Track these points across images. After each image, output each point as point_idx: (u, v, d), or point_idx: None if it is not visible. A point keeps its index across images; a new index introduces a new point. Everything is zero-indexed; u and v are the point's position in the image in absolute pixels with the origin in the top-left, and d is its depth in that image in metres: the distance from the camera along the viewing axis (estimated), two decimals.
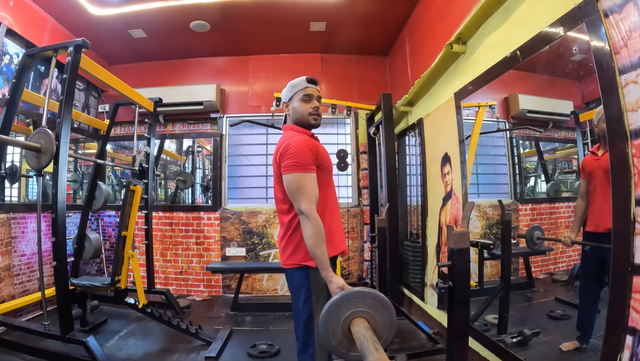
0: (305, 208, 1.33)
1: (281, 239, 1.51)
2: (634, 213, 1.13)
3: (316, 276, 1.40)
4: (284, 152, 1.40)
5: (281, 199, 1.47)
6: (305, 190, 1.35)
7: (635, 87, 1.13)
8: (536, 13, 1.65)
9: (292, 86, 1.56)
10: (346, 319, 1.11)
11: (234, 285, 3.91)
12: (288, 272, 1.49)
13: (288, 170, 1.38)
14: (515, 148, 2.67)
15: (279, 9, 3.51)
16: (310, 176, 1.37)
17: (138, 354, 2.49)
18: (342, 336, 1.12)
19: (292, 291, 1.50)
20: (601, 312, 1.68)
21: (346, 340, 1.12)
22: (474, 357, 2.12)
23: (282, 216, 1.50)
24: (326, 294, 1.40)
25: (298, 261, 1.43)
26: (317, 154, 1.45)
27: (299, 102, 1.52)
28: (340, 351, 1.13)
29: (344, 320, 1.11)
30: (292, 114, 1.55)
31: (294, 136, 1.45)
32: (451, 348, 1.44)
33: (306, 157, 1.38)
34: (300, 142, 1.40)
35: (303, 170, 1.37)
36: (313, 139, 1.52)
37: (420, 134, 3.14)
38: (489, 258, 2.58)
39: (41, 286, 2.33)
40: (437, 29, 2.89)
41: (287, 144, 1.40)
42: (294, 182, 1.36)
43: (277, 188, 1.49)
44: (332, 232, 1.47)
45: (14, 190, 3.26)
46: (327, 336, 1.12)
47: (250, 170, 4.39)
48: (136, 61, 4.46)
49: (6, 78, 3.03)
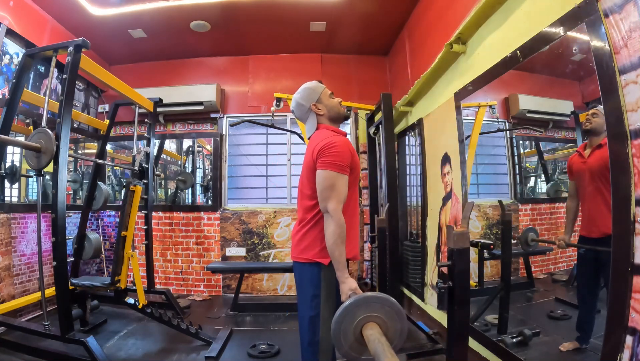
0: (333, 207, 1.35)
1: (296, 233, 1.51)
2: (634, 213, 1.13)
3: (327, 274, 1.41)
4: (325, 149, 1.41)
5: (309, 195, 1.47)
6: (336, 190, 1.37)
7: (635, 87, 1.13)
8: (536, 13, 1.66)
9: (313, 88, 1.58)
10: (360, 322, 1.12)
11: (234, 285, 3.91)
12: (298, 266, 1.49)
13: (325, 167, 1.39)
14: (515, 148, 2.67)
15: (279, 9, 3.51)
16: (344, 178, 1.40)
17: (138, 354, 2.49)
18: (353, 339, 1.12)
19: (299, 286, 1.50)
20: (601, 312, 1.68)
21: (357, 343, 1.12)
22: (474, 357, 2.12)
23: (303, 211, 1.51)
24: (335, 295, 1.41)
25: (311, 256, 1.44)
26: (353, 157, 1.48)
27: (329, 99, 1.58)
28: (351, 354, 1.14)
29: (358, 321, 1.12)
30: (327, 110, 1.57)
31: (335, 135, 1.47)
32: (451, 348, 1.44)
33: (345, 159, 1.41)
34: (343, 144, 1.43)
35: (340, 170, 1.39)
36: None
37: (420, 134, 3.14)
38: (489, 258, 2.58)
39: (41, 286, 2.33)
40: (437, 29, 2.89)
41: (331, 142, 1.41)
42: (328, 180, 1.38)
43: (305, 183, 1.50)
44: (349, 236, 1.48)
45: (14, 190, 3.26)
46: (339, 336, 1.12)
47: (250, 170, 4.39)
48: (136, 61, 4.46)
49: (6, 78, 3.02)
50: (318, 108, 1.56)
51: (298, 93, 1.60)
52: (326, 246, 1.40)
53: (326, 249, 1.41)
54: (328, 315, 1.40)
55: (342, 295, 1.31)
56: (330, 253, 1.36)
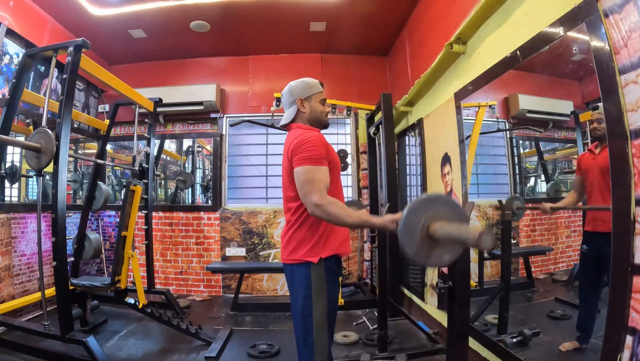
0: (316, 200, 1.31)
1: (284, 235, 1.51)
2: (634, 213, 1.13)
3: (317, 272, 1.40)
4: (297, 146, 1.39)
5: (292, 197, 1.46)
6: (315, 182, 1.34)
7: (635, 87, 1.13)
8: (536, 13, 1.65)
9: (310, 85, 1.57)
10: (425, 222, 1.06)
11: (234, 285, 3.91)
12: (289, 268, 1.49)
13: (301, 163, 1.37)
14: (515, 148, 2.67)
15: (279, 9, 3.51)
16: (321, 169, 1.38)
17: (138, 354, 2.49)
18: (420, 241, 1.07)
19: (291, 288, 1.50)
20: (601, 312, 1.68)
21: (425, 246, 1.07)
22: (474, 357, 2.12)
23: (289, 214, 1.50)
24: (326, 292, 1.41)
25: (300, 257, 1.43)
26: (328, 151, 1.46)
27: (318, 104, 1.57)
28: (419, 256, 1.08)
29: (424, 221, 1.06)
30: (309, 112, 1.55)
31: (306, 132, 1.46)
32: (451, 348, 1.44)
33: (320, 152, 1.39)
34: (314, 137, 1.42)
35: (315, 163, 1.37)
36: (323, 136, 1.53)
37: (420, 134, 3.14)
38: (489, 258, 2.58)
39: (41, 286, 2.33)
40: (437, 29, 2.89)
41: (302, 139, 1.40)
42: (305, 174, 1.36)
43: (287, 184, 1.49)
44: (336, 231, 1.47)
45: (14, 190, 3.26)
46: (407, 241, 1.07)
47: (250, 170, 4.39)
48: (136, 61, 4.46)
49: (6, 78, 3.02)
50: (302, 105, 1.55)
51: (294, 82, 1.59)
52: (319, 242, 1.40)
53: (315, 247, 1.41)
54: (321, 315, 1.40)
55: (386, 229, 1.23)
56: (351, 228, 1.32)
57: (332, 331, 1.51)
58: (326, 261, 1.42)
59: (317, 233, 1.43)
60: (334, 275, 1.46)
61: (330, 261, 1.44)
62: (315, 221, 1.42)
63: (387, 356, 2.36)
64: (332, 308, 1.46)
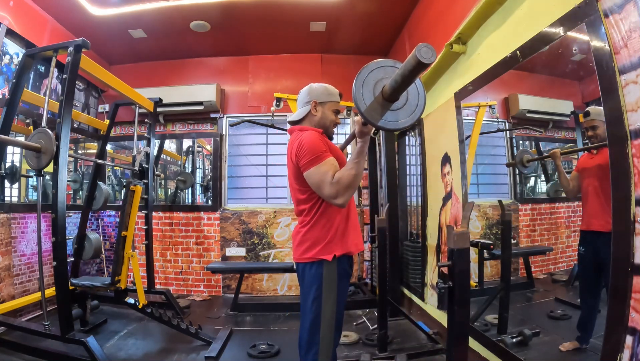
0: (331, 193, 1.34)
1: (297, 234, 1.51)
2: (634, 213, 1.13)
3: (330, 271, 1.42)
4: (299, 151, 1.41)
5: (302, 199, 1.47)
6: (325, 180, 1.36)
7: (635, 87, 1.13)
8: (536, 13, 1.66)
9: (330, 92, 1.58)
10: (378, 83, 1.24)
11: (234, 285, 3.91)
12: (301, 267, 1.49)
13: (307, 167, 1.39)
14: (515, 148, 2.67)
15: (279, 9, 3.51)
16: (326, 162, 1.39)
17: (138, 354, 2.49)
18: (374, 100, 1.21)
19: (302, 288, 1.50)
20: (601, 312, 1.68)
21: (378, 105, 1.20)
22: (474, 357, 2.12)
23: (302, 215, 1.51)
24: (336, 292, 1.42)
25: (313, 255, 1.44)
26: (330, 147, 1.48)
27: (331, 112, 1.58)
28: (372, 115, 1.19)
29: (375, 82, 1.26)
30: (320, 117, 1.56)
31: (302, 133, 1.47)
32: (451, 348, 1.44)
33: (319, 147, 1.40)
34: (310, 136, 1.43)
35: (320, 161, 1.38)
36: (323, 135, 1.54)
37: (420, 134, 3.14)
38: (489, 258, 2.57)
39: (41, 286, 2.33)
40: (437, 29, 2.89)
41: (300, 142, 1.42)
42: (314, 176, 1.38)
43: (295, 187, 1.50)
44: (349, 230, 1.48)
45: (14, 190, 3.26)
46: (360, 100, 1.21)
47: (250, 170, 4.39)
48: (136, 61, 4.46)
49: (6, 78, 3.03)
50: (315, 108, 1.56)
51: (316, 84, 1.60)
52: (333, 240, 1.42)
53: (329, 245, 1.42)
54: (330, 314, 1.41)
55: (361, 128, 1.37)
56: (361, 172, 1.39)
57: (339, 332, 1.52)
58: (339, 261, 1.44)
59: (331, 231, 1.44)
60: (345, 276, 1.48)
61: (343, 261, 1.46)
62: (329, 220, 1.44)
63: (387, 356, 2.36)
64: (340, 309, 1.47)
